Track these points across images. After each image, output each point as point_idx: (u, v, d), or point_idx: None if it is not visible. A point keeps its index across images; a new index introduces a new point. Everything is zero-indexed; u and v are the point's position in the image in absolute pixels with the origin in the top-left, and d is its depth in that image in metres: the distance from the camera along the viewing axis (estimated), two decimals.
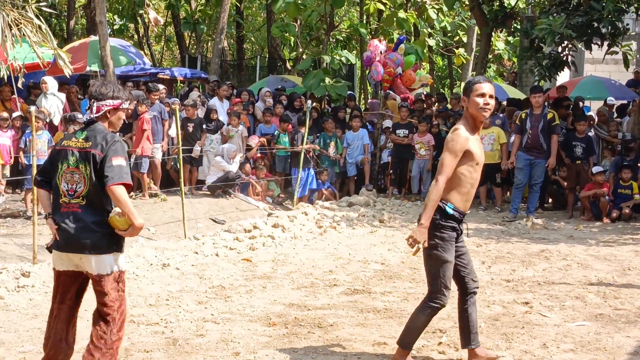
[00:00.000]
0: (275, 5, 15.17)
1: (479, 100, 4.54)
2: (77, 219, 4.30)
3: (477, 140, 4.64)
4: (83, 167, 4.29)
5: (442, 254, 4.62)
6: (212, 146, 12.39)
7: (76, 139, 4.37)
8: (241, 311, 6.14)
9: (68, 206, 4.33)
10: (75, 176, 4.31)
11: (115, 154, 4.27)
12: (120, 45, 14.89)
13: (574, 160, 12.05)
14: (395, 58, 15.31)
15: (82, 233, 4.29)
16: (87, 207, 4.30)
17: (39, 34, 9.27)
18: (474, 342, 4.82)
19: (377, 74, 14.95)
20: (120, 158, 4.28)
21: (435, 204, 4.51)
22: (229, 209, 11.38)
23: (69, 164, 4.32)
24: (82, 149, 4.31)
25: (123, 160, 4.30)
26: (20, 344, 5.23)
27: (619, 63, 15.50)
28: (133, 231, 4.29)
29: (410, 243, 4.59)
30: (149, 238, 9.41)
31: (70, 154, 4.32)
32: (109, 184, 4.20)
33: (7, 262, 7.57)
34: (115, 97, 4.42)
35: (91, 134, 4.35)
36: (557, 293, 6.70)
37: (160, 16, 23.28)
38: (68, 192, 4.32)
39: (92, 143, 4.30)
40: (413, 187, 13.21)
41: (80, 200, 4.31)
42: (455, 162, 4.52)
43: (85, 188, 4.29)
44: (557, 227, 10.66)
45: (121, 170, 4.25)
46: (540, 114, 11.08)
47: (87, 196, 4.29)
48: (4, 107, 11.84)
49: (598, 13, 11.39)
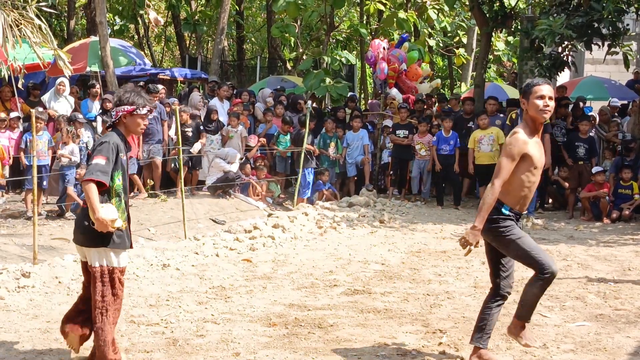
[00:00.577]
0: (276, 5, 15.18)
1: (539, 102, 4.54)
2: (78, 215, 4.81)
3: (537, 144, 4.61)
4: None
5: (514, 236, 4.60)
6: (212, 147, 12.40)
7: None
8: (241, 311, 6.14)
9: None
10: None
11: (98, 154, 4.52)
12: (120, 45, 14.90)
13: (577, 160, 12.08)
14: (398, 54, 15.33)
15: (78, 227, 4.67)
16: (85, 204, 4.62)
17: (39, 35, 9.26)
18: (484, 344, 4.78)
19: (381, 72, 14.95)
20: (99, 157, 4.50)
21: (489, 207, 4.51)
22: (229, 210, 11.38)
23: None
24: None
25: (102, 159, 4.50)
26: (21, 345, 5.23)
27: (619, 63, 15.50)
28: (97, 224, 4.45)
29: (462, 244, 4.57)
30: (149, 238, 9.42)
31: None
32: (82, 179, 4.54)
33: (8, 263, 7.56)
34: (130, 102, 4.69)
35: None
36: (557, 293, 6.70)
37: (161, 16, 23.27)
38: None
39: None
40: (413, 188, 13.21)
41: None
42: (512, 166, 4.53)
43: None
44: (558, 227, 10.66)
45: (95, 168, 4.47)
46: None
47: None
48: (4, 108, 11.85)
49: (598, 13, 11.39)
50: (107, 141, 4.58)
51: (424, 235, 9.96)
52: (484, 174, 12.34)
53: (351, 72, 21.34)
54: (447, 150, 12.69)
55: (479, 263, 8.05)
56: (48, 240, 8.77)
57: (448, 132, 12.74)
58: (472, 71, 21.66)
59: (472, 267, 7.90)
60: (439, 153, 12.67)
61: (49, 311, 6.14)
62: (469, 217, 11.54)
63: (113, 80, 12.75)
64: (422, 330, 5.60)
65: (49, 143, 10.77)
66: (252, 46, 30.87)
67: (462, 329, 5.62)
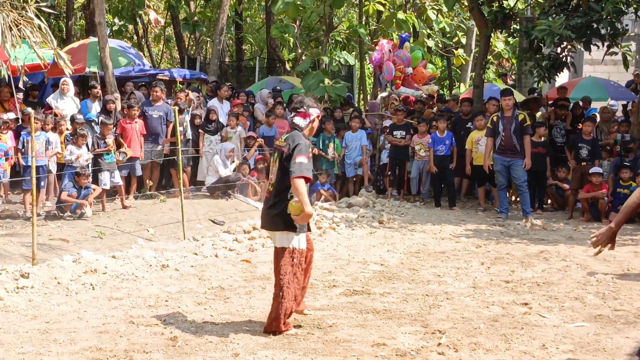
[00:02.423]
0: (275, 6, 15.17)
1: None
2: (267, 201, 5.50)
3: None
4: (277, 162, 5.44)
5: None
6: (211, 147, 12.41)
7: (281, 140, 5.57)
8: (240, 312, 6.14)
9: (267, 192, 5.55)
10: (273, 169, 5.51)
11: (299, 153, 5.29)
12: (119, 46, 14.89)
13: (580, 162, 12.09)
14: (403, 55, 15.34)
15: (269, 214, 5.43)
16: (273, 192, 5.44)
17: (38, 35, 9.26)
18: None
19: (389, 73, 14.96)
20: (303, 156, 5.29)
21: (632, 210, 4.35)
22: (229, 210, 11.38)
23: (274, 159, 5.53)
24: (279, 148, 5.50)
25: (305, 158, 5.31)
26: (20, 345, 5.23)
27: (618, 64, 15.50)
28: (302, 216, 5.21)
29: (593, 242, 4.43)
30: (148, 239, 9.42)
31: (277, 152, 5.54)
32: (293, 177, 5.23)
33: (7, 263, 7.56)
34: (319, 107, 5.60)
35: (289, 137, 5.47)
36: (556, 294, 6.70)
37: (160, 17, 23.26)
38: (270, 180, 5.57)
39: (286, 144, 5.40)
40: (412, 188, 13.21)
41: (270, 187, 5.51)
42: None
43: (275, 178, 5.45)
44: (557, 228, 10.66)
45: (302, 166, 5.26)
46: (512, 116, 11.29)
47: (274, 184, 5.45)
48: (3, 108, 11.84)
49: (597, 14, 11.39)
50: (302, 142, 5.35)
51: (423, 235, 9.97)
52: (481, 175, 12.37)
53: (350, 73, 21.32)
54: (443, 151, 12.70)
55: (477, 264, 8.06)
56: (46, 241, 8.77)
57: (443, 132, 12.76)
58: (471, 72, 21.66)
59: (471, 267, 7.90)
60: (434, 154, 12.69)
61: (48, 312, 6.14)
62: (468, 218, 11.55)
63: (112, 81, 12.75)
64: (421, 331, 5.60)
65: (46, 144, 10.77)
66: (251, 47, 30.86)
67: (461, 330, 5.62)
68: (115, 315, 6.00)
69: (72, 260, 7.67)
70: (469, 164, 12.54)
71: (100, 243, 9.07)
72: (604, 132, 13.13)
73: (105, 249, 8.67)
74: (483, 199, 12.75)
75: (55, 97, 12.01)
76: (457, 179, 13.25)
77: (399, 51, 15.38)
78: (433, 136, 12.79)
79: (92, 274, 7.33)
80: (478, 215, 11.83)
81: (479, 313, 6.11)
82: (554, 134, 13.11)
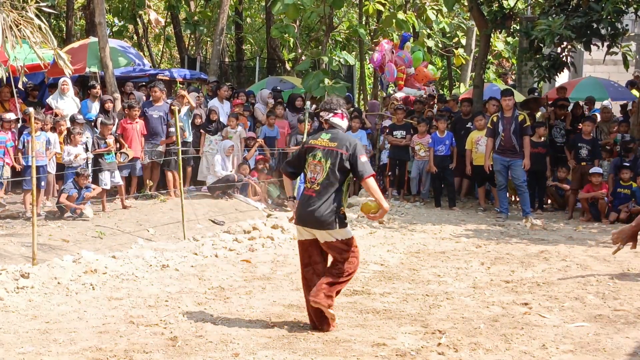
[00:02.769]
0: (275, 8, 15.17)
1: None
2: (313, 200, 5.48)
3: None
4: (324, 161, 5.47)
5: None
6: (212, 147, 12.42)
7: (322, 139, 5.58)
8: (240, 312, 6.14)
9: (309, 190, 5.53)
10: (316, 168, 5.51)
11: (361, 153, 5.49)
12: (119, 46, 14.88)
13: (579, 161, 12.09)
14: (404, 56, 15.34)
15: (325, 214, 5.46)
16: (320, 191, 5.48)
17: (38, 35, 9.26)
18: None
19: (391, 74, 14.96)
20: (364, 155, 5.52)
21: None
22: (229, 210, 11.39)
23: (316, 159, 5.52)
24: (327, 148, 5.51)
25: (366, 156, 5.55)
26: (20, 345, 5.23)
27: (618, 64, 15.50)
28: (381, 212, 5.52)
29: (614, 239, 4.45)
30: (148, 239, 9.42)
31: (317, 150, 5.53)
32: (367, 175, 5.44)
33: (7, 263, 7.56)
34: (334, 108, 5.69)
35: (338, 138, 5.54)
36: (556, 294, 6.70)
37: (160, 17, 23.25)
38: (310, 179, 5.54)
39: (338, 144, 5.48)
40: (412, 188, 13.20)
41: (316, 186, 5.51)
42: None
43: (323, 177, 5.47)
44: (557, 228, 10.66)
45: (369, 164, 5.54)
46: (512, 117, 11.30)
47: (322, 183, 5.49)
48: (3, 108, 11.84)
49: (597, 14, 11.39)
50: (358, 142, 5.59)
51: (423, 235, 9.96)
52: (481, 175, 12.37)
53: (350, 73, 21.32)
54: (443, 151, 12.70)
55: (477, 264, 8.06)
56: (46, 241, 8.77)
57: (443, 132, 12.76)
58: (471, 72, 21.66)
59: (471, 267, 7.90)
60: (434, 154, 12.69)
61: (48, 312, 6.14)
62: (468, 218, 11.55)
63: (112, 81, 12.75)
64: (421, 331, 5.60)
65: (46, 144, 10.77)
66: (251, 47, 30.85)
67: (461, 330, 5.62)
68: (115, 315, 6.01)
69: (72, 260, 7.67)
70: (469, 164, 12.54)
71: (100, 243, 9.07)
72: (604, 132, 13.13)
73: (105, 249, 8.67)
74: (483, 199, 12.75)
75: (55, 98, 12.01)
76: (457, 179, 13.25)
77: (400, 52, 15.39)
78: (433, 136, 12.79)
79: (92, 274, 7.33)
80: (478, 215, 11.83)
81: (479, 313, 6.11)
82: (554, 134, 13.11)
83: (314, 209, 5.46)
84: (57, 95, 11.99)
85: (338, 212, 5.50)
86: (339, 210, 5.51)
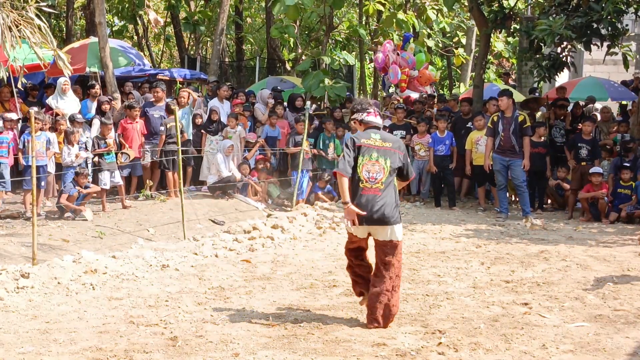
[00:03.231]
0: (275, 9, 15.17)
1: None
2: (379, 199, 5.67)
3: None
4: (384, 161, 5.71)
5: None
6: (212, 147, 12.41)
7: (373, 139, 5.76)
8: (241, 312, 6.14)
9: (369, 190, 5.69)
10: (375, 167, 5.69)
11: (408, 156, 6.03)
12: (119, 46, 14.88)
13: (579, 161, 12.09)
14: (408, 57, 15.34)
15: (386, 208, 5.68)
16: (384, 190, 5.70)
17: (38, 35, 9.25)
18: None
19: (395, 76, 14.95)
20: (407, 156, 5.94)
21: None
22: (229, 210, 11.38)
23: (370, 157, 5.70)
24: (385, 148, 5.75)
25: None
26: (20, 345, 5.23)
27: (618, 64, 15.51)
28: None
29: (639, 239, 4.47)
30: (148, 239, 9.42)
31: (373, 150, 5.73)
32: (410, 177, 6.03)
33: (7, 263, 7.56)
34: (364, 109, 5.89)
35: (392, 140, 5.87)
36: (556, 294, 6.70)
37: (160, 17, 23.26)
38: (370, 179, 5.68)
39: (393, 144, 5.80)
40: (412, 188, 13.20)
41: (380, 185, 5.69)
42: None
43: (385, 176, 5.72)
44: (557, 228, 10.65)
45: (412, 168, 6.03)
46: (511, 117, 11.31)
47: (385, 182, 5.72)
48: (3, 108, 11.83)
49: (597, 14, 11.39)
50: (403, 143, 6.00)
51: (423, 235, 9.96)
52: (481, 175, 12.37)
53: (350, 73, 21.32)
54: (443, 151, 12.70)
55: (477, 264, 8.06)
56: (47, 241, 8.76)
57: (443, 132, 12.76)
58: (471, 72, 21.66)
59: (471, 267, 7.90)
60: (434, 154, 12.69)
61: (48, 312, 6.14)
62: (468, 218, 11.55)
63: (112, 81, 12.75)
64: (421, 331, 5.60)
65: (47, 143, 10.76)
66: (251, 47, 30.85)
67: (461, 330, 5.62)
68: (115, 315, 6.01)
69: (72, 260, 7.66)
70: (469, 164, 12.54)
71: (100, 243, 9.07)
72: (604, 132, 13.13)
73: (105, 249, 8.67)
74: (483, 199, 12.75)
75: (55, 98, 12.00)
76: (457, 179, 13.25)
77: (404, 53, 15.38)
78: (433, 136, 12.79)
79: (92, 274, 7.33)
80: (478, 215, 11.83)
81: (479, 313, 6.11)
82: (554, 134, 13.11)
83: (382, 205, 5.65)
84: (57, 95, 11.99)
85: (399, 205, 5.84)
86: (399, 204, 5.86)
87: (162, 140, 11.67)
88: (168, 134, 11.63)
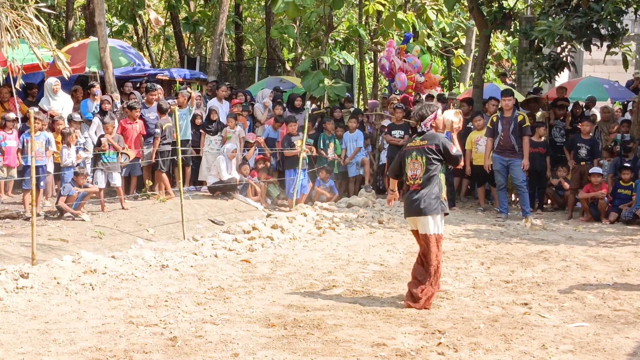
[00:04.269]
0: (275, 7, 15.17)
1: None
2: (417, 192, 6.33)
3: None
4: (420, 158, 6.36)
5: None
6: (211, 147, 12.40)
7: (415, 140, 6.48)
8: (240, 312, 6.13)
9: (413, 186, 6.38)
10: (415, 165, 6.38)
11: (450, 146, 6.38)
12: (119, 46, 14.88)
13: (579, 161, 12.09)
14: (414, 62, 15.32)
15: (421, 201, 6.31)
16: (423, 184, 6.32)
17: (37, 35, 9.24)
18: None
19: (402, 84, 14.94)
20: (454, 148, 6.43)
21: None
22: (228, 210, 11.38)
23: (411, 157, 6.41)
24: (420, 146, 6.39)
25: (456, 149, 6.47)
26: (19, 345, 5.22)
27: (618, 64, 15.49)
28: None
29: None
30: (147, 239, 9.42)
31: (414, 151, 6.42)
32: (457, 166, 6.64)
33: (6, 264, 7.56)
34: (431, 111, 6.52)
35: (427, 137, 6.43)
36: (556, 294, 6.70)
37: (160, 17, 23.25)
38: (412, 177, 6.39)
39: (428, 141, 6.37)
40: None
41: (418, 180, 6.34)
42: None
43: (422, 171, 6.34)
44: (556, 228, 10.66)
45: (457, 157, 6.45)
46: (511, 117, 11.34)
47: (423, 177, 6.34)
48: (3, 109, 11.83)
49: (597, 14, 11.39)
50: (444, 137, 6.46)
51: None
52: (481, 175, 12.36)
53: (350, 73, 21.31)
54: None
55: (477, 264, 8.06)
56: (46, 241, 8.76)
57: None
58: (470, 72, 21.65)
59: (470, 267, 7.90)
60: None
61: (47, 312, 6.14)
62: (468, 218, 11.55)
63: (112, 81, 12.74)
64: (421, 331, 5.60)
65: (46, 144, 10.76)
66: (251, 47, 30.84)
67: (460, 330, 5.62)
68: (114, 316, 6.00)
69: (71, 261, 7.66)
70: (468, 164, 12.54)
71: (99, 243, 9.07)
72: (604, 132, 13.13)
73: (105, 249, 8.67)
74: (483, 199, 12.75)
75: (46, 99, 11.95)
76: (457, 179, 13.25)
77: (410, 57, 15.35)
78: None
79: (91, 274, 7.32)
80: (478, 215, 11.83)
81: (479, 313, 6.11)
82: (554, 134, 13.12)
83: (418, 198, 6.28)
84: (48, 96, 11.94)
85: (439, 197, 6.30)
86: (440, 196, 6.31)
87: (157, 142, 11.65)
88: (163, 135, 11.63)
